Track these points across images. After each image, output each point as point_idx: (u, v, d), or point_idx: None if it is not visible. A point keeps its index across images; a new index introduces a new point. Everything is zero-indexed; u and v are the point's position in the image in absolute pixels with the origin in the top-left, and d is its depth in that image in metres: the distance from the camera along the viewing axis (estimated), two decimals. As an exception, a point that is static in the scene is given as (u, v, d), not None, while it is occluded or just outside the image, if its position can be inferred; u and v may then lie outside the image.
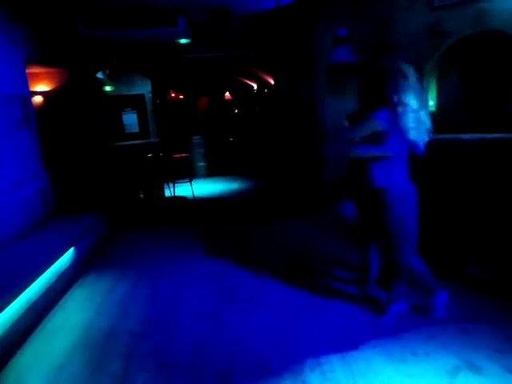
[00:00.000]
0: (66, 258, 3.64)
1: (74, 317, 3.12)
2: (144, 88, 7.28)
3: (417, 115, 2.40)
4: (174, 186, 6.98)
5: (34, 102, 4.99)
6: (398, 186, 2.52)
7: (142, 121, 7.41)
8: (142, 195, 6.59)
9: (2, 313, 2.54)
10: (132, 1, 4.74)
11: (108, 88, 6.92)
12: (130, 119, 7.26)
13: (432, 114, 2.83)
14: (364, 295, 3.03)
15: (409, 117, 2.38)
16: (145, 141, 7.05)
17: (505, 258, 3.04)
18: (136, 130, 7.30)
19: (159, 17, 5.21)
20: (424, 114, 2.47)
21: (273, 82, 10.01)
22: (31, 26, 4.61)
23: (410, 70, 2.42)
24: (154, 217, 5.92)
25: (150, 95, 7.40)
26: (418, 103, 2.41)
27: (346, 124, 2.79)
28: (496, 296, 2.91)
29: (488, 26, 2.98)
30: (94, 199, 5.28)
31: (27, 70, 4.50)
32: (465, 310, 2.80)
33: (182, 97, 12.55)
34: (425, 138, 2.45)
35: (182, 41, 5.96)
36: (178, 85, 12.04)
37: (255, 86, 12.57)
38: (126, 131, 7.20)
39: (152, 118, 7.42)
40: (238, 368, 2.38)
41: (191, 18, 5.39)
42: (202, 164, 8.85)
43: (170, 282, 3.64)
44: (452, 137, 3.28)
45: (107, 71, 6.86)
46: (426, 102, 2.47)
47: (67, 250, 3.66)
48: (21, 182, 4.02)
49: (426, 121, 2.46)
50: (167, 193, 7.01)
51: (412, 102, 2.38)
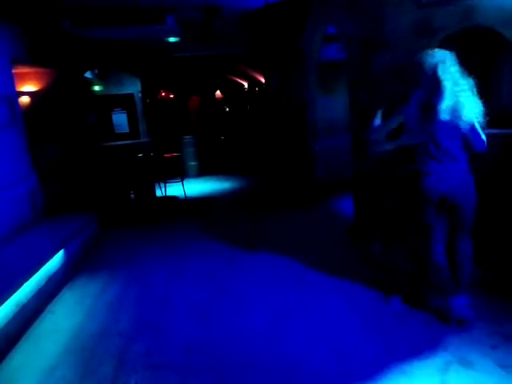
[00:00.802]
0: (56, 260, 3.59)
1: (65, 320, 3.09)
2: (133, 87, 7.22)
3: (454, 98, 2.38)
4: (165, 186, 6.94)
5: (21, 103, 4.91)
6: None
7: (132, 121, 7.35)
8: (133, 195, 6.55)
9: (-10, 317, 2.50)
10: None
11: (97, 88, 6.85)
12: (120, 119, 7.19)
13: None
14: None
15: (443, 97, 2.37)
16: (135, 141, 7.00)
17: (504, 257, 3.06)
18: (126, 130, 7.24)
19: (147, 15, 5.16)
20: (467, 99, 2.42)
21: (263, 81, 9.99)
22: (17, 26, 4.53)
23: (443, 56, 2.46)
24: (145, 217, 5.88)
25: (140, 95, 7.34)
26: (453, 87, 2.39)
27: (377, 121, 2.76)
28: (496, 295, 2.92)
29: (475, 22, 2.99)
30: (84, 200, 5.22)
31: (14, 70, 4.43)
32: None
33: (172, 96, 12.47)
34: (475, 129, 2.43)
35: (171, 39, 5.91)
36: (169, 84, 11.97)
37: (246, 85, 12.55)
38: (116, 131, 7.14)
39: (142, 117, 7.35)
40: (231, 371, 2.36)
41: (180, 16, 5.35)
42: (193, 163, 8.81)
43: (162, 283, 3.61)
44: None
45: (96, 71, 6.79)
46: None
47: (57, 252, 3.61)
48: (8, 182, 3.96)
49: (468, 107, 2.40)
50: (158, 193, 6.97)
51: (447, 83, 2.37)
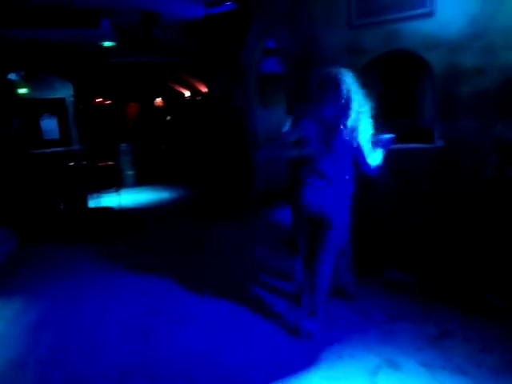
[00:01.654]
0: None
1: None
2: (65, 92, 6.77)
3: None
4: (99, 197, 6.59)
5: None
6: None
7: (63, 127, 6.88)
8: (63, 207, 6.11)
9: None
10: (51, 0, 4.42)
11: (22, 91, 6.35)
12: (50, 125, 6.69)
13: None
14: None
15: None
16: (66, 148, 6.55)
17: (425, 261, 3.28)
18: (56, 136, 6.75)
19: (81, 17, 4.91)
20: (364, 122, 2.48)
21: (205, 90, 9.95)
22: None
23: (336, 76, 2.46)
24: (76, 230, 5.51)
25: (72, 99, 6.90)
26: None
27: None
28: (416, 297, 3.10)
29: (399, 45, 3.23)
30: (2, 213, 4.76)
31: None
32: (388, 311, 2.96)
33: (108, 102, 11.94)
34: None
35: (107, 44, 5.68)
36: (105, 90, 11.45)
37: (187, 94, 12.42)
38: (45, 137, 6.63)
39: (74, 123, 6.92)
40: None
41: (117, 20, 5.17)
42: (130, 172, 8.49)
43: (91, 302, 3.37)
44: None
45: (22, 73, 6.29)
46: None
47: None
48: None
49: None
50: (92, 204, 6.60)
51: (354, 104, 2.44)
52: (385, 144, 2.60)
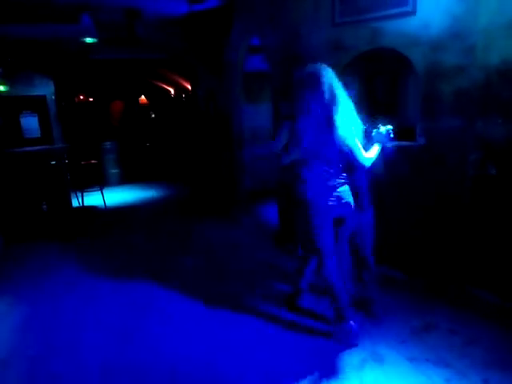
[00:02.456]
0: None
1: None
2: (46, 89, 6.61)
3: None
4: (82, 196, 6.49)
5: None
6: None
7: (44, 125, 6.73)
8: (46, 206, 5.99)
9: None
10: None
11: (1, 88, 6.19)
12: (30, 123, 6.54)
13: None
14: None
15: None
16: (48, 146, 6.41)
17: (414, 257, 3.33)
18: (37, 134, 6.60)
19: (60, 13, 4.80)
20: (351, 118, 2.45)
21: (190, 88, 9.87)
22: None
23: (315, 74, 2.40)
24: (59, 230, 5.41)
25: (53, 97, 6.75)
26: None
27: None
28: (404, 292, 3.16)
29: (382, 43, 3.26)
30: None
31: None
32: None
33: (92, 100, 11.74)
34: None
35: (88, 40, 5.57)
36: (89, 87, 11.25)
37: (172, 91, 12.30)
38: (26, 136, 6.48)
39: (56, 121, 6.78)
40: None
41: (98, 16, 5.07)
42: (114, 171, 8.37)
43: (75, 302, 3.33)
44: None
45: (0, 70, 6.12)
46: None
47: None
48: None
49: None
50: (76, 203, 6.49)
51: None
52: (383, 138, 2.57)
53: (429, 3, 2.92)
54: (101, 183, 7.02)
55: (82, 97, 11.54)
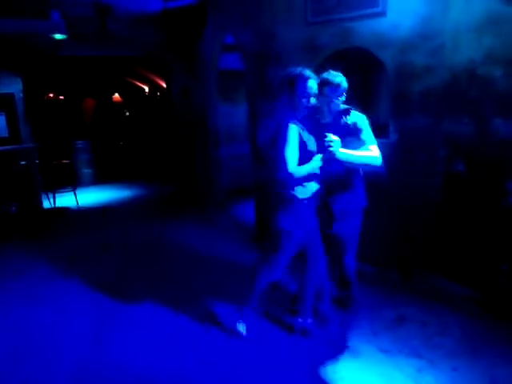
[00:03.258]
0: None
1: None
2: (13, 87, 6.39)
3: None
4: (54, 196, 6.30)
5: None
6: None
7: (12, 124, 6.51)
8: (15, 208, 5.79)
9: None
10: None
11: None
12: (-3, 121, 6.32)
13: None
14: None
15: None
16: (16, 146, 6.19)
17: (385, 251, 3.40)
18: (5, 134, 6.38)
19: (29, 8, 4.64)
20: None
21: (165, 86, 9.75)
22: None
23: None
24: (29, 232, 5.23)
25: (22, 95, 6.53)
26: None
27: None
28: (376, 286, 3.22)
29: (353, 43, 3.32)
30: None
31: None
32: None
33: (62, 98, 11.41)
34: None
35: (58, 36, 5.40)
36: (59, 85, 10.93)
37: (147, 89, 12.10)
38: (-8, 135, 6.26)
39: (24, 120, 6.56)
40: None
41: (67, 11, 4.93)
42: (87, 171, 8.17)
43: (44, 306, 3.22)
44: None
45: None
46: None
47: None
48: None
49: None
50: (47, 204, 6.30)
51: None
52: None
53: (399, 4, 2.99)
54: (73, 183, 6.84)
55: (52, 95, 11.20)
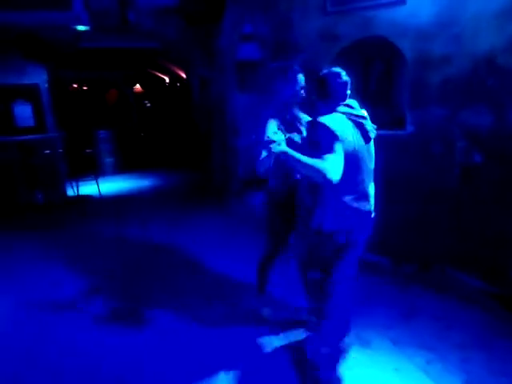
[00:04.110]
0: None
1: None
2: (38, 77, 6.59)
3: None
4: (77, 185, 6.50)
5: None
6: None
7: (37, 113, 6.72)
8: (41, 196, 6.02)
9: None
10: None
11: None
12: (23, 111, 6.53)
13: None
14: None
15: None
16: (42, 135, 6.41)
17: (401, 244, 3.38)
18: (31, 123, 6.60)
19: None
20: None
21: (185, 76, 9.82)
22: None
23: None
24: (54, 219, 5.44)
25: (47, 85, 6.72)
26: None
27: None
28: (390, 278, 3.20)
29: (372, 32, 3.28)
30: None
31: None
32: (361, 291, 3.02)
33: (86, 88, 11.66)
34: None
35: (80, 28, 5.53)
36: (82, 75, 11.16)
37: (167, 80, 12.23)
38: (19, 124, 6.48)
39: (50, 110, 6.76)
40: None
41: (89, 3, 5.03)
42: (110, 160, 8.37)
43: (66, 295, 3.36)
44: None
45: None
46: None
47: None
48: None
49: None
50: (71, 192, 6.52)
51: None
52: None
53: (418, -8, 2.92)
54: (96, 172, 7.04)
55: (76, 86, 11.45)
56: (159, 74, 12.27)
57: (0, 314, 3.05)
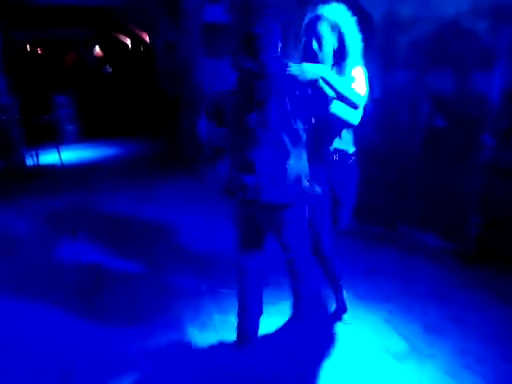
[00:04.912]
0: None
1: None
2: (-13, 37, 6.09)
3: None
4: (37, 154, 6.19)
5: None
6: None
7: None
8: (-1, 165, 5.71)
9: None
10: None
11: None
12: (-29, 74, 6.04)
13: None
14: None
15: None
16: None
17: (368, 207, 3.47)
18: (-20, 87, 6.14)
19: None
20: None
21: (148, 40, 9.37)
22: None
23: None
24: (14, 189, 5.19)
25: (-3, 47, 6.23)
26: None
27: None
28: (355, 239, 3.26)
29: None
30: None
31: None
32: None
33: (41, 51, 10.91)
34: None
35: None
36: (37, 36, 10.41)
37: (129, 43, 11.63)
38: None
39: (2, 74, 6.30)
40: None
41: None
42: (71, 127, 7.99)
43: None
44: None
45: None
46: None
47: None
48: None
49: None
50: (30, 162, 6.21)
51: None
52: None
53: (387, -49, 2.89)
54: (57, 141, 6.72)
55: (31, 47, 10.68)
56: (121, 37, 11.64)
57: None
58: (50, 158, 6.50)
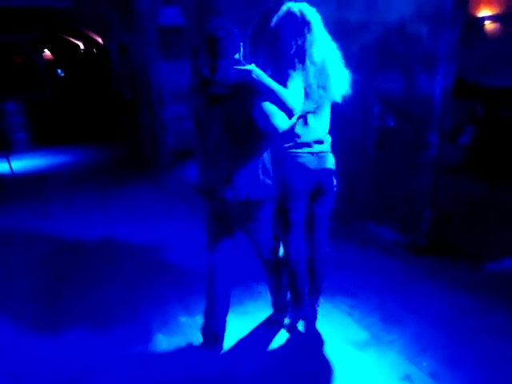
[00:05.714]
0: None
1: None
2: None
3: None
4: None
5: None
6: None
7: None
8: None
9: None
10: None
11: None
12: None
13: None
14: None
15: None
16: None
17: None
18: None
19: None
20: None
21: (101, 42, 9.09)
22: None
23: None
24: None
25: None
26: None
27: None
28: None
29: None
30: None
31: None
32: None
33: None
34: None
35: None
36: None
37: (82, 46, 11.22)
38: None
39: None
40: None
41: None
42: (22, 135, 7.61)
43: None
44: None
45: None
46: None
47: None
48: None
49: None
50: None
51: None
52: None
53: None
54: (6, 149, 6.39)
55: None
56: (72, 39, 11.21)
57: None
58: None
